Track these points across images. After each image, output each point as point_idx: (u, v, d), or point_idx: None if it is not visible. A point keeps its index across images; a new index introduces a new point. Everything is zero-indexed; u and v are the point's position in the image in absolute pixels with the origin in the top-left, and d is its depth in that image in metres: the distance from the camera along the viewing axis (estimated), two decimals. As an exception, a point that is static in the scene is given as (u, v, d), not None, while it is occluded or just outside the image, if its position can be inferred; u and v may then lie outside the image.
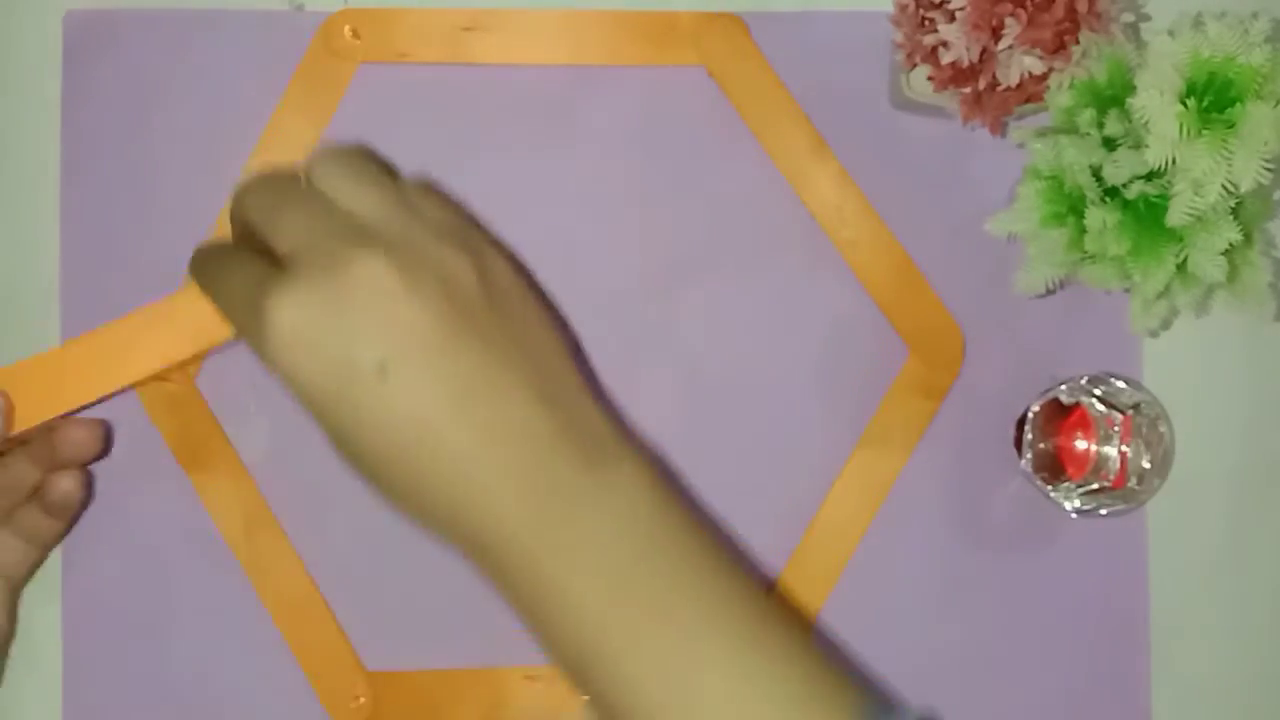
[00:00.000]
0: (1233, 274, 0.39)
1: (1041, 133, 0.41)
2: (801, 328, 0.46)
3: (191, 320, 0.37)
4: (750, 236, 0.46)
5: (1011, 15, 0.39)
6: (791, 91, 0.45)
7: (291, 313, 0.30)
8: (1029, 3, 0.39)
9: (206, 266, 0.35)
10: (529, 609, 0.32)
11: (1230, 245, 0.38)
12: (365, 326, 0.30)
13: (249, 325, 0.31)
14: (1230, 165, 0.37)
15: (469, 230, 0.34)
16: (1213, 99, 0.38)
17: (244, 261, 0.33)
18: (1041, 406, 0.44)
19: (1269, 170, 0.37)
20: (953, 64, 0.40)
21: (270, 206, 0.33)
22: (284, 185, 0.33)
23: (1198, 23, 0.38)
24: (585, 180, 0.46)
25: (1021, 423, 0.45)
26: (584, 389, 0.33)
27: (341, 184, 0.33)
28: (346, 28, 0.45)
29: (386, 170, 0.34)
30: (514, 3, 0.45)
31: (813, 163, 0.45)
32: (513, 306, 0.33)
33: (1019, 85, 0.41)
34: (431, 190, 0.35)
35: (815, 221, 0.45)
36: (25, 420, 0.38)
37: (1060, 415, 0.45)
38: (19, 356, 0.45)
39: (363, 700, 0.44)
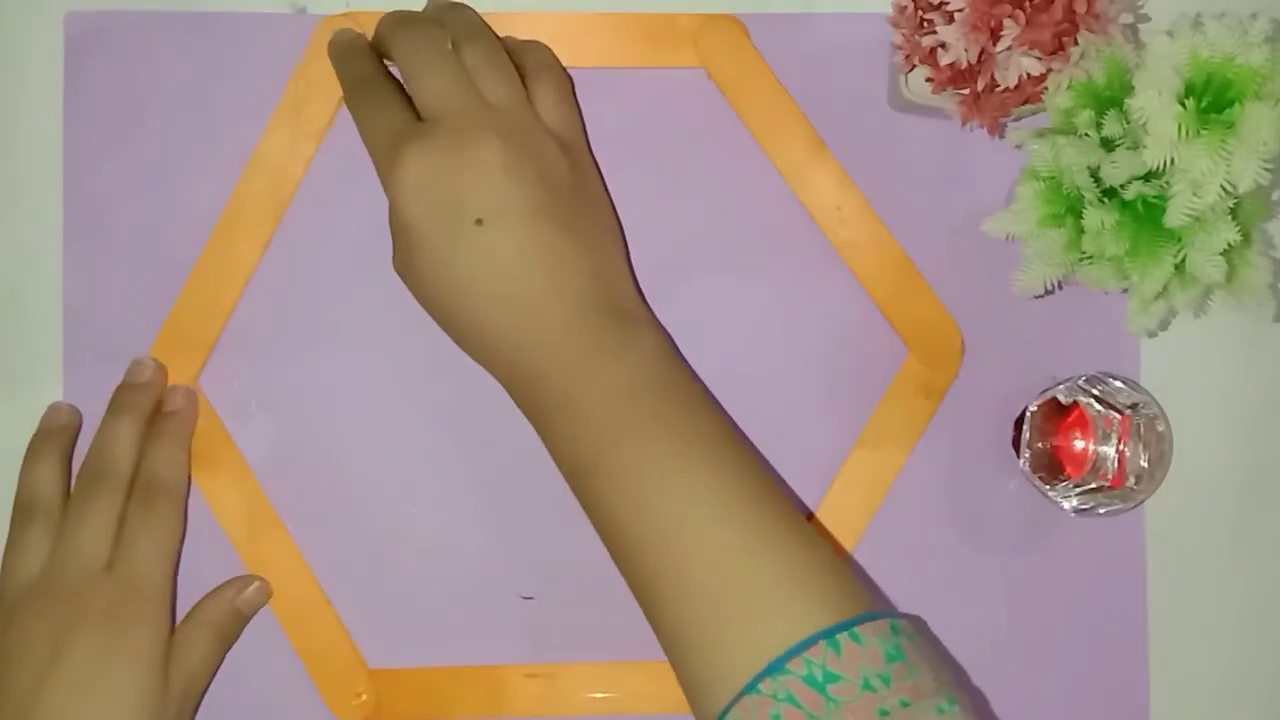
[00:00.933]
0: (1231, 274, 0.39)
1: (1040, 134, 0.41)
2: (801, 328, 0.46)
3: (257, 208, 0.45)
4: (750, 237, 0.46)
5: (1010, 16, 0.39)
6: (791, 93, 0.45)
7: (420, 163, 0.39)
8: (1027, 4, 0.39)
9: (364, 97, 0.42)
10: (550, 426, 0.39)
11: (1228, 245, 0.38)
12: (474, 190, 0.39)
13: (383, 160, 0.40)
14: (1229, 166, 0.37)
15: (574, 134, 0.43)
16: (1211, 99, 0.38)
17: (392, 106, 0.41)
18: (1040, 406, 0.45)
19: (1267, 171, 0.37)
20: (951, 65, 0.41)
21: (420, 65, 0.40)
22: (435, 46, 0.41)
23: (1196, 23, 0.38)
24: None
25: (1020, 422, 0.45)
26: (627, 274, 0.43)
27: (484, 70, 0.41)
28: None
29: (513, 48, 0.43)
30: (514, 5, 0.45)
31: (812, 164, 0.45)
32: (589, 201, 0.42)
33: (1017, 86, 0.41)
34: (555, 92, 0.42)
35: (814, 222, 0.46)
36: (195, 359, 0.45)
37: (1058, 415, 0.45)
38: (22, 356, 0.45)
39: (365, 697, 0.45)
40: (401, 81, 0.41)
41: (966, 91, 0.42)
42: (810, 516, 0.46)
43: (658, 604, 0.37)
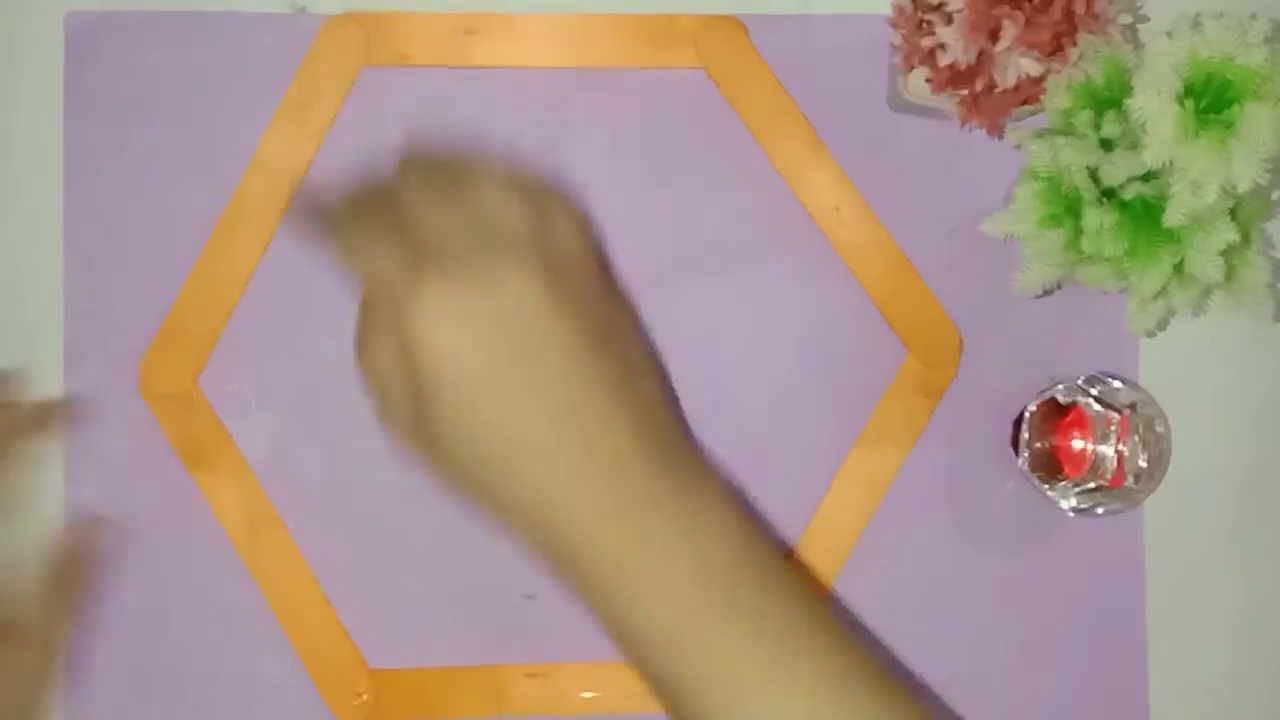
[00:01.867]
0: (1230, 274, 0.39)
1: (1039, 134, 0.41)
2: (799, 328, 0.46)
3: (257, 208, 0.44)
4: (749, 237, 0.46)
5: (1009, 17, 0.39)
6: (790, 93, 0.45)
7: (445, 293, 0.33)
8: (1026, 4, 0.39)
9: (351, 243, 0.37)
10: (601, 594, 0.34)
11: (1228, 245, 0.38)
12: (511, 324, 0.34)
13: (390, 295, 0.34)
14: (1228, 166, 0.37)
15: (601, 268, 0.38)
16: (1210, 100, 0.38)
17: (388, 246, 0.35)
18: (1038, 406, 0.45)
19: (1267, 171, 0.37)
20: (950, 66, 0.41)
21: (428, 204, 0.36)
22: (443, 183, 0.36)
23: (1196, 24, 0.38)
24: (585, 183, 0.46)
25: (1018, 422, 0.45)
26: (674, 418, 0.37)
27: (492, 195, 0.36)
28: (347, 30, 0.45)
29: (524, 181, 0.38)
30: (515, 6, 0.45)
31: (810, 164, 0.45)
32: (630, 340, 0.38)
33: (1016, 87, 0.41)
34: (577, 224, 0.38)
35: (813, 222, 0.46)
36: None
37: (1057, 415, 0.45)
38: (21, 356, 0.45)
39: (365, 697, 0.45)
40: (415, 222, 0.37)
41: (966, 92, 0.42)
42: (815, 511, 0.46)
43: None
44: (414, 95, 0.45)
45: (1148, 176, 0.38)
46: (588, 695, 0.45)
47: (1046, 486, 0.44)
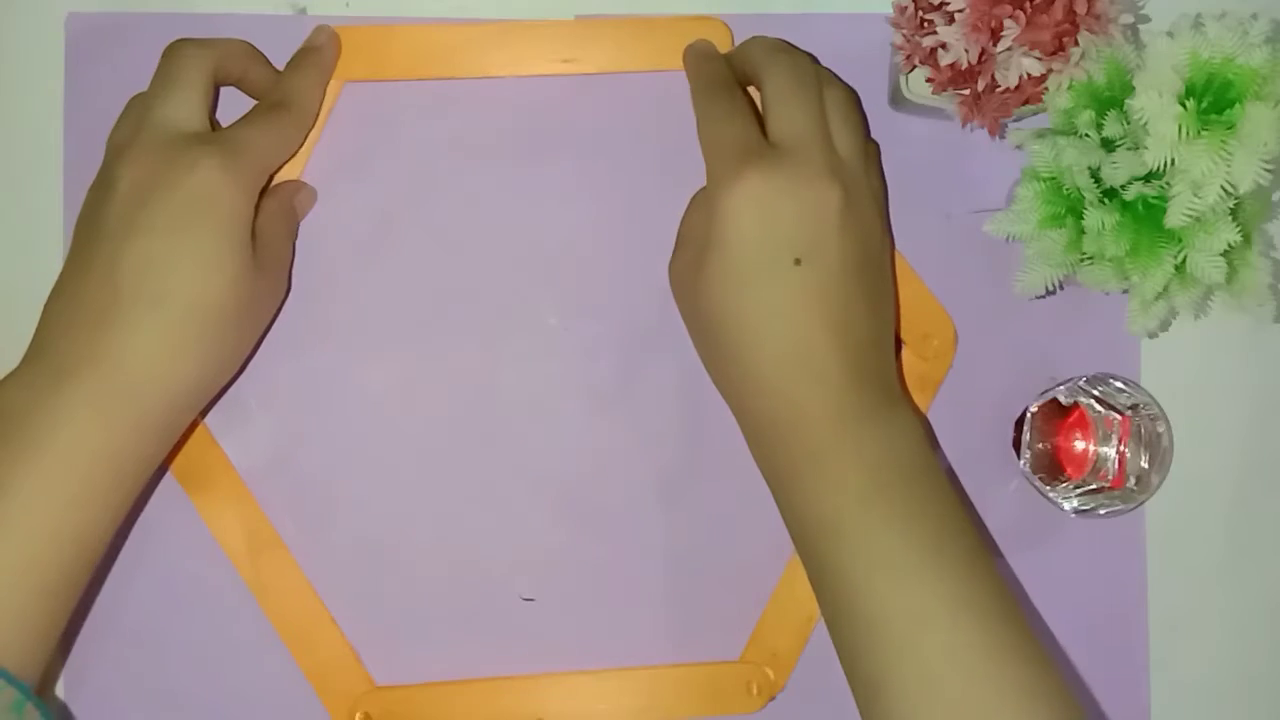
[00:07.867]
0: (1231, 275, 0.39)
1: (1040, 134, 0.41)
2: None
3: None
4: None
5: (1010, 17, 0.39)
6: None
7: (764, 185, 0.38)
8: (1028, 4, 0.39)
9: (716, 100, 0.42)
10: (795, 477, 0.39)
11: (1229, 246, 0.38)
12: (806, 229, 0.39)
13: (723, 167, 0.39)
14: (1229, 166, 0.37)
15: (884, 204, 0.44)
16: (1212, 100, 0.38)
17: (744, 117, 0.41)
18: (1040, 407, 0.45)
19: (1268, 171, 0.37)
20: (952, 66, 0.40)
21: (792, 93, 0.41)
22: (811, 80, 0.41)
23: (1197, 24, 0.38)
24: (575, 190, 0.45)
25: (1020, 423, 0.45)
26: (893, 354, 0.42)
27: (840, 121, 0.41)
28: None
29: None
30: (495, 14, 0.45)
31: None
32: (888, 274, 0.43)
33: (1018, 87, 0.41)
34: (876, 159, 0.44)
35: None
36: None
37: (1059, 415, 0.45)
38: (20, 355, 0.45)
39: (373, 715, 0.44)
40: (764, 102, 0.41)
41: (967, 92, 0.42)
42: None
43: (885, 690, 0.36)
44: (400, 108, 0.45)
45: (1149, 177, 0.38)
46: (595, 705, 0.45)
47: (1048, 488, 0.44)
